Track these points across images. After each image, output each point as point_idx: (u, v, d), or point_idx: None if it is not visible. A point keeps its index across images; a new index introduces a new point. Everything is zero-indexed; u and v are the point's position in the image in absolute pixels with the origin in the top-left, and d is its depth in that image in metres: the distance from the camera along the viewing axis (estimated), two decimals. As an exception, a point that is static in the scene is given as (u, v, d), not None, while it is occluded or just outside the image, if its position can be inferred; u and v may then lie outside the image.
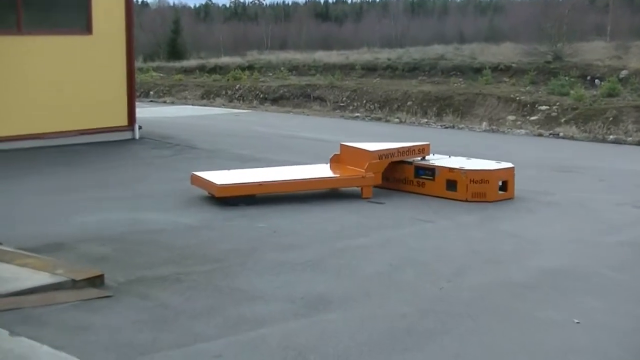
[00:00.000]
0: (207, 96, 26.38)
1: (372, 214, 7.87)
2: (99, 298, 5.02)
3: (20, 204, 8.03)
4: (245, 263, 5.94)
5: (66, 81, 12.14)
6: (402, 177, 8.99)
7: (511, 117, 19.43)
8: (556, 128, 17.13)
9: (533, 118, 18.99)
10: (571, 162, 11.98)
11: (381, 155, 8.72)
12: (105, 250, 6.20)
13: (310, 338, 4.44)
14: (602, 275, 5.94)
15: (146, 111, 18.06)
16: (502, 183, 8.69)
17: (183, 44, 47.17)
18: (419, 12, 75.52)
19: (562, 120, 18.03)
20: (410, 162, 8.92)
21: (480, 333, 4.63)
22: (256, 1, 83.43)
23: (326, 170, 9.02)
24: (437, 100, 21.13)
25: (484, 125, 17.82)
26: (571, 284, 5.68)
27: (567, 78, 22.12)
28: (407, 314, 4.90)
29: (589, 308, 5.16)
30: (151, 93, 27.44)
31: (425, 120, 19.06)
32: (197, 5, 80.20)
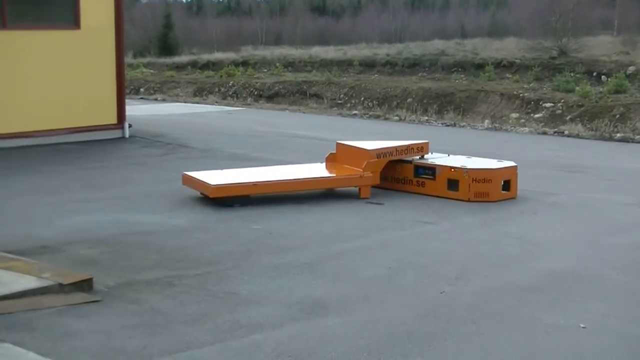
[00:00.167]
0: (200, 93, 26.30)
1: (371, 215, 7.79)
2: (87, 303, 4.96)
3: (5, 205, 7.92)
4: (239, 266, 5.87)
5: (53, 77, 11.96)
6: (401, 177, 8.87)
7: (514, 115, 19.31)
8: (561, 126, 16.99)
9: (537, 115, 18.86)
10: (576, 161, 11.86)
11: (379, 154, 8.60)
12: (93, 253, 6.12)
13: (306, 344, 4.39)
14: (609, 278, 5.87)
15: (136, 109, 17.96)
16: (505, 182, 8.56)
17: (175, 39, 47.05)
18: (419, 6, 75.06)
19: (567, 117, 17.90)
20: (409, 161, 8.80)
21: (482, 338, 4.57)
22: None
23: (323, 169, 8.90)
24: (438, 97, 20.99)
25: (487, 123, 17.68)
26: (577, 287, 5.61)
27: (573, 74, 21.97)
28: (407, 319, 4.84)
29: (596, 312, 5.09)
30: (142, 90, 27.41)
31: (425, 118, 18.87)
32: (189, -1, 80.00)
